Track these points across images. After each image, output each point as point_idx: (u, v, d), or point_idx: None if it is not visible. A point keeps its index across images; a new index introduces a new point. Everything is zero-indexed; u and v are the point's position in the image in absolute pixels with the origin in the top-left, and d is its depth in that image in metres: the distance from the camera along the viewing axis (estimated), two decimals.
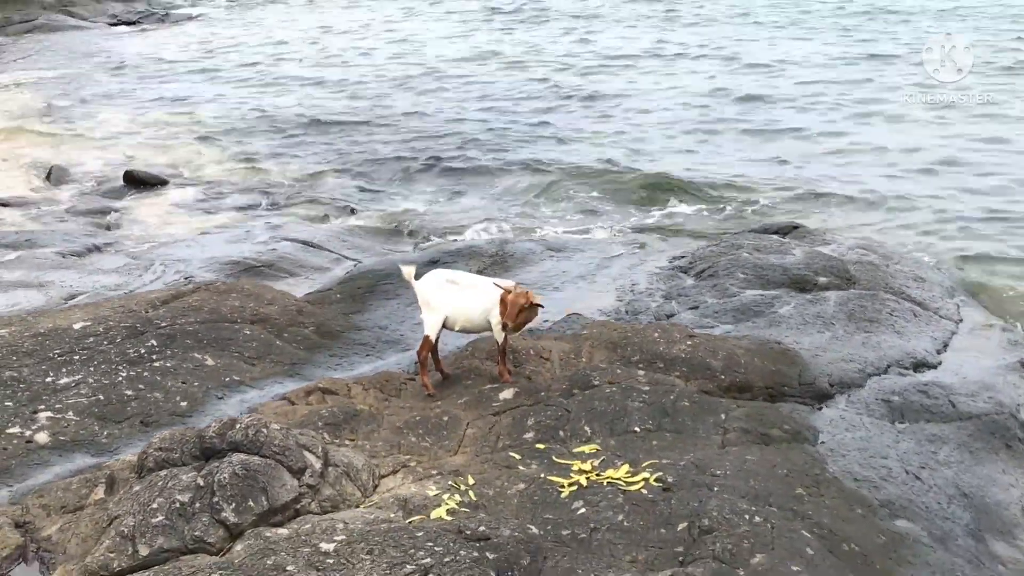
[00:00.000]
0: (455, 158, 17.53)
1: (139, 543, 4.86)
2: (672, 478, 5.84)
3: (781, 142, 17.13)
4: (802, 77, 22.29)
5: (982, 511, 6.53)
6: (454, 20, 33.01)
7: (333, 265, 12.35)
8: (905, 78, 21.56)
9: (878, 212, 13.85)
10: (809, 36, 26.62)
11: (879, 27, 27.42)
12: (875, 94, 20.45)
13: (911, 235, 12.79)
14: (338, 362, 8.70)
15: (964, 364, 8.77)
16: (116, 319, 8.39)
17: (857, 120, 18.73)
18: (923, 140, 16.93)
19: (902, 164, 15.92)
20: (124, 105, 23.09)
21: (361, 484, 5.68)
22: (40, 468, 6.34)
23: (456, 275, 7.54)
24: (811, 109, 19.53)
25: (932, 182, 15.12)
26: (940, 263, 11.66)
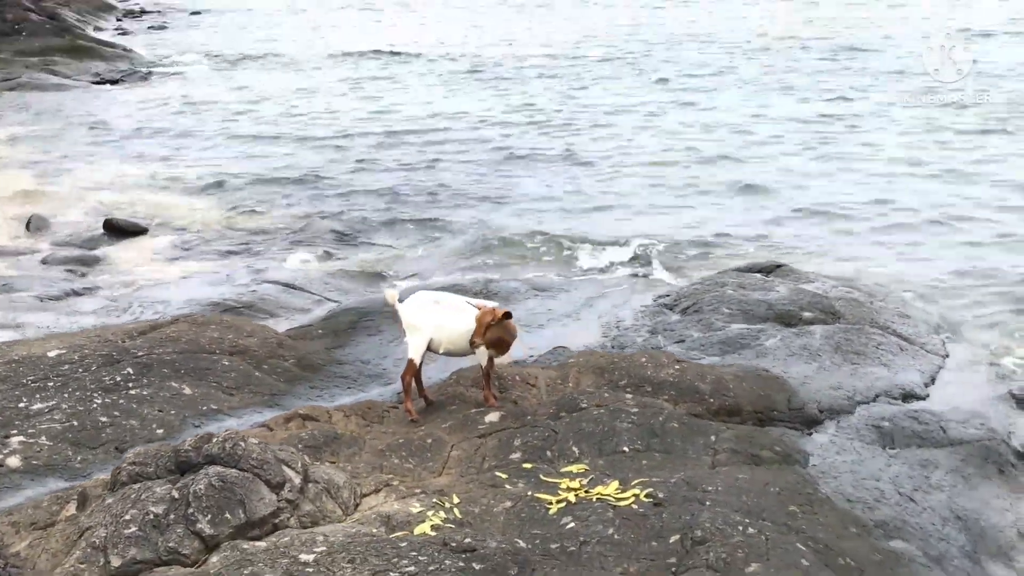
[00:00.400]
0: (435, 208, 17.45)
1: (111, 554, 4.67)
2: (663, 494, 5.70)
3: (754, 197, 17.03)
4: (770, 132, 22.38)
5: (977, 533, 6.43)
6: (436, 79, 33.25)
7: (315, 306, 12.20)
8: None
9: (859, 254, 13.80)
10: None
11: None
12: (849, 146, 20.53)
13: (894, 275, 12.71)
14: (319, 394, 8.54)
15: (953, 395, 8.71)
16: (92, 347, 8.22)
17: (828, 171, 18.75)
18: (897, 194, 16.95)
19: (881, 210, 15.92)
20: (105, 160, 22.93)
21: (342, 502, 5.50)
22: (11, 491, 6.15)
23: (439, 296, 7.42)
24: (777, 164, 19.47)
25: (913, 225, 15.12)
26: (924, 300, 11.59)
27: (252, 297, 12.18)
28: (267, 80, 35.11)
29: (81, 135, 25.49)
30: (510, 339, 7.19)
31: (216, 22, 67.07)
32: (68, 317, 11.09)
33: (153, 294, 12.46)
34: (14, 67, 35.43)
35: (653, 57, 35.35)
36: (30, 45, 38.43)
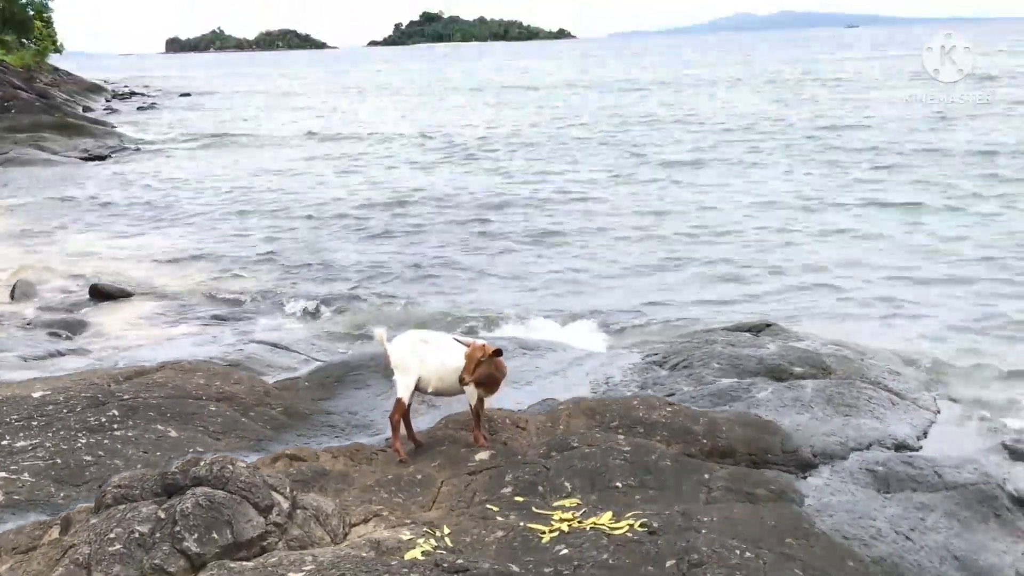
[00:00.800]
0: (417, 276, 17.51)
1: (94, 571, 4.54)
2: (658, 524, 5.60)
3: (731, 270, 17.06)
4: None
5: (976, 573, 6.33)
6: (413, 156, 33.80)
7: (301, 365, 12.11)
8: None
9: (849, 315, 13.82)
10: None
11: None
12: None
13: (882, 334, 12.73)
14: (306, 441, 8.41)
15: (946, 446, 8.64)
16: (77, 390, 8.12)
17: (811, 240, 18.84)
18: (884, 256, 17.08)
19: (866, 275, 16.00)
20: (92, 231, 23.02)
21: (331, 529, 5.38)
22: None
23: (428, 335, 7.36)
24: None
25: (900, 288, 15.19)
26: (915, 358, 11.58)
27: (239, 356, 12.11)
28: (248, 158, 35.68)
29: (68, 208, 25.61)
30: (500, 377, 7.12)
31: (203, 104, 68.06)
32: (52, 375, 10.95)
33: (139, 354, 12.35)
34: (3, 143, 35.67)
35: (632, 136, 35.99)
36: (19, 122, 38.70)
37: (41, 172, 32.03)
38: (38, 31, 69.10)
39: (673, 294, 15.42)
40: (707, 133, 36.67)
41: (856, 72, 73.22)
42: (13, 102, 41.18)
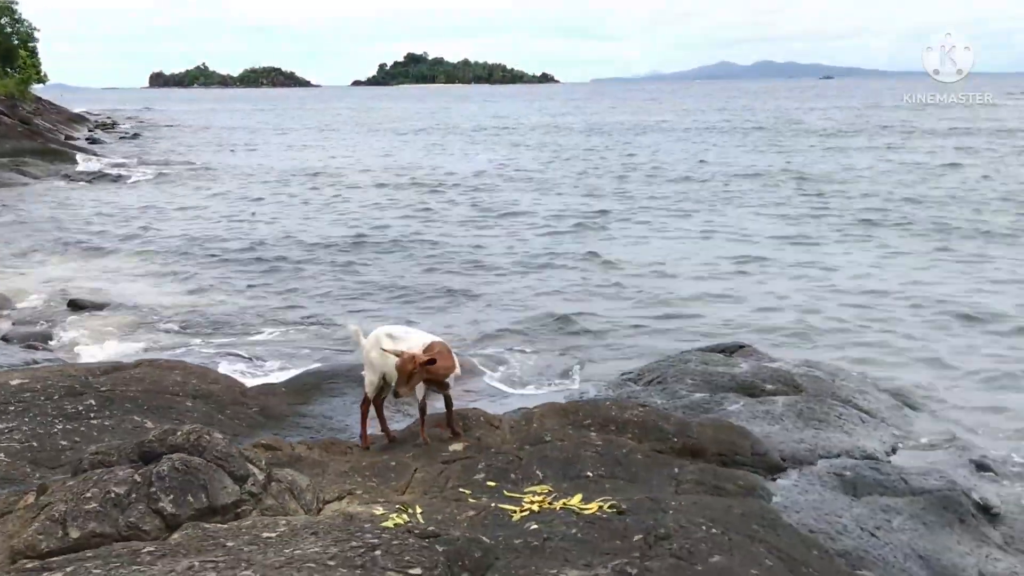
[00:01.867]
0: (400, 291, 17.67)
1: (70, 527, 4.59)
2: (627, 506, 5.69)
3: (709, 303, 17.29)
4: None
5: (939, 572, 6.47)
6: (387, 192, 34.20)
7: (279, 378, 12.16)
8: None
9: (821, 340, 13.96)
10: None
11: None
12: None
13: (854, 357, 12.87)
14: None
15: (914, 461, 8.76)
16: (55, 380, 8.16)
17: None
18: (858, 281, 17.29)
19: (840, 298, 16.21)
20: (71, 252, 23.03)
21: (305, 503, 5.45)
22: None
23: (395, 330, 7.37)
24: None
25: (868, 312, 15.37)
26: (886, 380, 11.71)
27: (215, 366, 12.14)
28: (228, 187, 35.94)
29: (47, 229, 25.63)
30: (443, 377, 7.08)
31: (188, 135, 68.22)
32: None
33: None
34: None
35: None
36: (1, 146, 38.71)
37: (21, 195, 32.06)
38: (22, 60, 69.22)
39: (651, 319, 15.52)
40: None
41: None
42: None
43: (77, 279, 19.87)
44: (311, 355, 13.61)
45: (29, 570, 4.15)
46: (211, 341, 14.45)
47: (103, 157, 44.64)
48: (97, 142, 54.95)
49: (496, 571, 4.63)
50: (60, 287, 18.76)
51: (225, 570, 3.97)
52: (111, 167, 40.43)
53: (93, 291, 18.42)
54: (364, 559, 4.20)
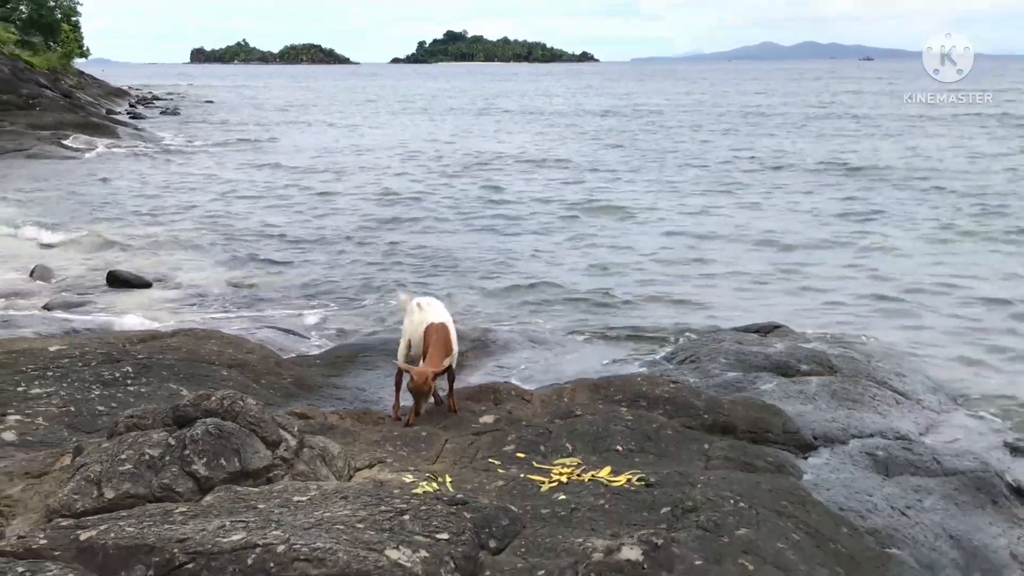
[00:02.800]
0: (432, 271, 17.68)
1: (105, 487, 4.67)
2: (655, 479, 5.71)
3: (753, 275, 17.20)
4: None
5: (970, 551, 6.41)
6: (426, 170, 34.13)
7: (314, 350, 12.25)
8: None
9: (855, 321, 13.86)
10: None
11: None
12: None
13: (891, 338, 12.77)
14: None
15: (948, 442, 8.71)
16: (92, 347, 8.29)
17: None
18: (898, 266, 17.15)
19: (876, 287, 16.05)
20: (111, 222, 23.26)
21: (336, 470, 5.51)
22: (4, 460, 6.12)
23: (425, 301, 7.53)
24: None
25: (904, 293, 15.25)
26: (922, 361, 11.63)
27: (252, 339, 12.22)
28: (270, 161, 36.08)
29: (88, 201, 25.89)
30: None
31: (228, 111, 68.63)
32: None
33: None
34: (27, 139, 36.02)
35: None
36: (43, 119, 39.09)
37: (63, 167, 32.38)
38: (65, 35, 69.72)
39: (687, 298, 15.46)
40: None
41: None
42: (38, 100, 41.58)
43: (117, 251, 20.07)
44: (347, 329, 13.69)
45: (64, 528, 4.22)
46: (248, 313, 14.55)
47: (144, 131, 44.98)
48: (138, 116, 55.40)
49: (523, 539, 4.67)
50: (100, 259, 18.97)
51: (255, 530, 4.03)
52: (152, 141, 40.77)
53: (132, 263, 18.62)
54: (392, 523, 4.25)
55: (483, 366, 10.74)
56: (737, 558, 4.62)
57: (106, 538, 4.02)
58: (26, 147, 34.72)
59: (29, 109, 40.22)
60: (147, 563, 3.86)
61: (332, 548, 3.87)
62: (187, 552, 3.88)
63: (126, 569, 3.87)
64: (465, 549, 4.20)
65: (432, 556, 4.00)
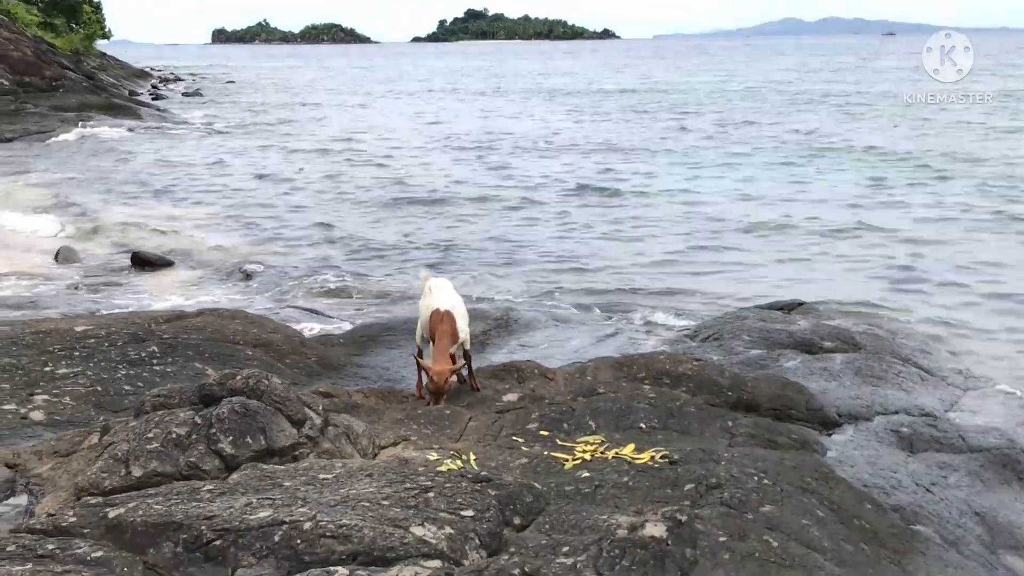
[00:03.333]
0: (453, 249, 17.70)
1: (132, 465, 4.72)
2: (679, 456, 5.72)
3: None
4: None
5: (995, 528, 6.39)
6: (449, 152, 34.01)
7: (338, 330, 12.28)
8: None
9: (880, 299, 13.79)
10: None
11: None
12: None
13: (916, 316, 12.70)
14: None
15: (973, 419, 8.66)
16: (118, 327, 8.35)
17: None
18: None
19: (900, 265, 15.97)
20: (134, 204, 23.38)
21: (361, 448, 5.55)
22: (33, 439, 6.19)
23: (437, 282, 7.60)
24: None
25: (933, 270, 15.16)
26: (947, 339, 11.58)
27: (276, 319, 12.27)
28: (290, 142, 36.17)
29: (112, 182, 26.01)
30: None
31: (247, 92, 68.74)
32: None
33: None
34: (51, 120, 36.19)
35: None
36: (67, 101, 39.27)
37: (86, 148, 32.55)
38: (87, 16, 69.92)
39: (710, 277, 15.43)
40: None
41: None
42: (61, 82, 41.76)
43: (141, 232, 20.18)
44: (370, 308, 13.72)
45: (93, 506, 4.27)
46: (272, 293, 14.62)
47: (166, 112, 45.16)
48: (160, 97, 55.56)
49: (547, 516, 4.69)
50: (124, 238, 19.08)
51: (281, 507, 4.07)
52: (175, 122, 40.92)
53: (157, 242, 18.72)
54: (417, 500, 4.28)
55: (506, 345, 10.76)
56: (761, 535, 4.63)
57: (134, 516, 4.07)
58: (51, 129, 34.90)
59: (52, 91, 40.39)
60: (175, 540, 3.91)
61: (358, 525, 3.90)
62: (215, 529, 3.92)
63: (154, 546, 3.92)
64: (490, 526, 4.23)
65: (457, 533, 4.03)
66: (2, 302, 13.05)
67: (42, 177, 26.48)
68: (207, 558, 3.85)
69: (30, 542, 3.93)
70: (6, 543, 3.93)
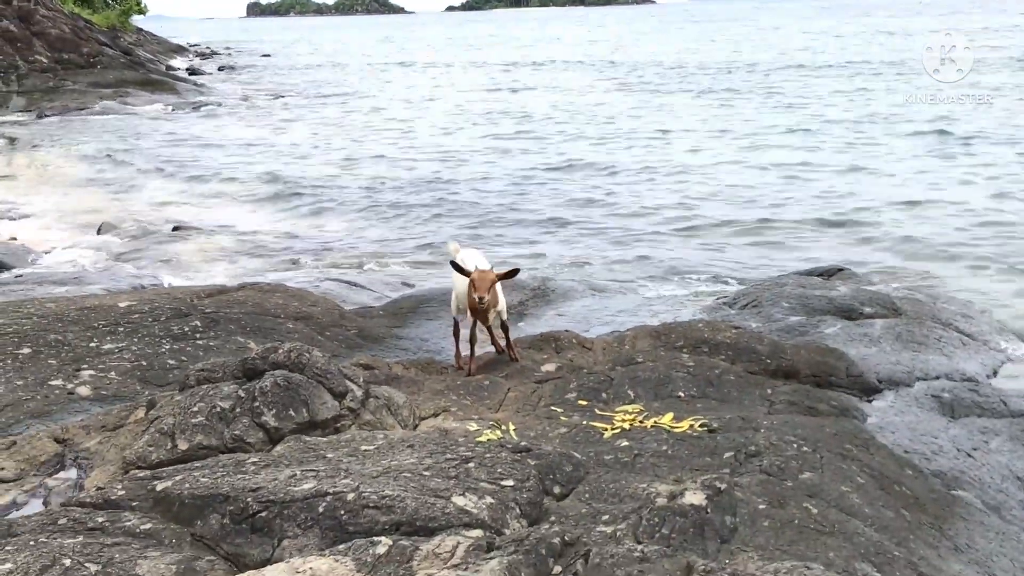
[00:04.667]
0: (494, 224, 17.72)
1: (178, 439, 4.81)
2: (718, 425, 5.73)
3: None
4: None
5: None
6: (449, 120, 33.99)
7: (377, 302, 12.36)
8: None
9: (921, 260, 13.70)
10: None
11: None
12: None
13: (958, 283, 12.60)
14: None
15: (1016, 384, 8.59)
16: (161, 302, 8.46)
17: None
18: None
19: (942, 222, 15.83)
20: (174, 178, 23.63)
21: (402, 419, 5.61)
22: (80, 415, 6.30)
23: (467, 253, 7.33)
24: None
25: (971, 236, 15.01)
26: (990, 303, 11.48)
27: (316, 292, 12.37)
28: (327, 115, 36.26)
29: (152, 157, 26.26)
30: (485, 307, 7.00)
31: (284, 64, 68.95)
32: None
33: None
34: (89, 97, 36.51)
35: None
36: (105, 77, 39.57)
37: (125, 124, 32.83)
38: None
39: (750, 244, 15.36)
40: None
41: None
42: (99, 58, 42.04)
43: (182, 205, 20.42)
44: (408, 280, 13.79)
45: (140, 479, 4.36)
46: (312, 267, 14.73)
47: (203, 87, 45.40)
48: (197, 72, 55.79)
49: (587, 484, 4.73)
50: (165, 213, 19.30)
51: (325, 479, 4.14)
52: (212, 96, 41.13)
53: (197, 217, 18.92)
54: (458, 470, 4.33)
55: (543, 315, 10.78)
56: (801, 502, 4.65)
57: (181, 488, 4.15)
58: (89, 105, 35.23)
59: (90, 68, 40.70)
60: (222, 512, 3.99)
61: (400, 495, 3.96)
62: (260, 501, 4.00)
63: (201, 518, 4.00)
64: (530, 495, 4.27)
65: (498, 502, 4.08)
66: (47, 277, 13.21)
67: (82, 151, 26.80)
68: (253, 529, 3.92)
69: (80, 515, 4.02)
70: (57, 516, 4.03)
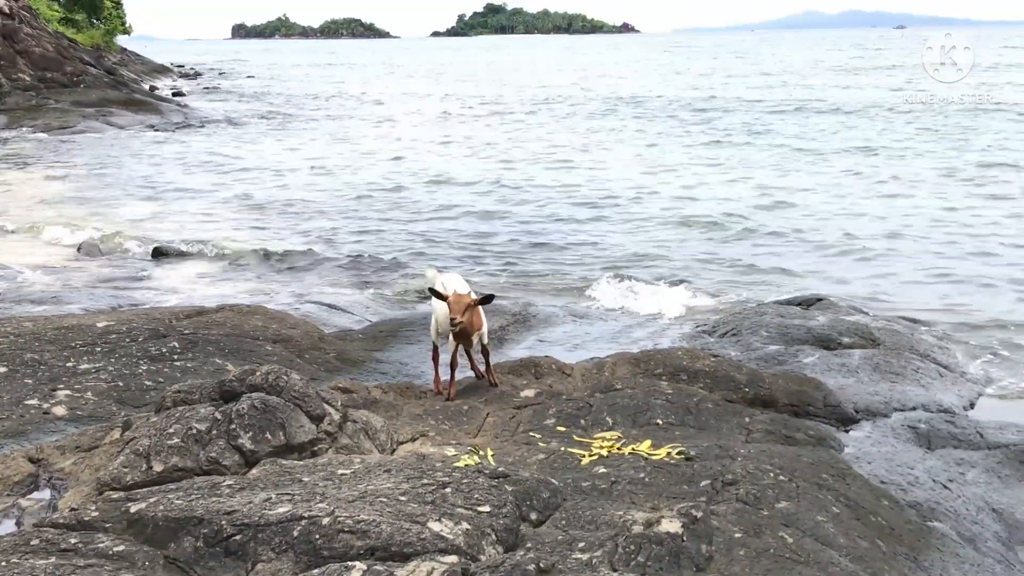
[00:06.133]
0: (471, 245, 17.74)
1: (153, 460, 4.78)
2: (695, 452, 5.75)
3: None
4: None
5: (1013, 524, 6.39)
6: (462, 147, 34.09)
7: (356, 325, 12.34)
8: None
9: (899, 292, 13.78)
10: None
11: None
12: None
13: (936, 310, 12.67)
14: None
15: (992, 416, 8.63)
16: (139, 323, 8.42)
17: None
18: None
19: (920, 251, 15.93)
20: (154, 200, 23.55)
21: (379, 443, 5.60)
22: (55, 434, 6.26)
23: (447, 277, 7.35)
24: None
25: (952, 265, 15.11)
26: (967, 333, 11.53)
27: (295, 314, 12.33)
28: (308, 137, 36.37)
29: (132, 177, 26.21)
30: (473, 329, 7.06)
31: (269, 86, 69.02)
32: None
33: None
34: (72, 116, 36.44)
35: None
36: (88, 96, 39.52)
37: (108, 143, 32.77)
38: (108, 11, 70.23)
39: (730, 271, 15.42)
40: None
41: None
42: (83, 77, 41.99)
43: (163, 226, 20.33)
44: (389, 304, 13.77)
45: (115, 500, 4.33)
46: (291, 289, 14.69)
47: (186, 108, 45.37)
48: (180, 93, 55.79)
49: (564, 511, 4.72)
50: (144, 232, 19.21)
51: (300, 502, 4.12)
52: (194, 117, 41.10)
53: (178, 238, 18.85)
54: (435, 496, 4.32)
55: (524, 340, 10.79)
56: (777, 531, 4.66)
57: (155, 510, 4.12)
58: (71, 125, 35.15)
59: (74, 87, 40.63)
60: (196, 534, 3.96)
61: (376, 520, 3.95)
62: (235, 524, 3.98)
63: (175, 540, 3.97)
64: (506, 521, 4.26)
65: (474, 528, 4.07)
66: (26, 296, 13.14)
67: (64, 171, 26.72)
68: (227, 552, 3.90)
69: (53, 536, 3.99)
70: (30, 537, 4.00)
